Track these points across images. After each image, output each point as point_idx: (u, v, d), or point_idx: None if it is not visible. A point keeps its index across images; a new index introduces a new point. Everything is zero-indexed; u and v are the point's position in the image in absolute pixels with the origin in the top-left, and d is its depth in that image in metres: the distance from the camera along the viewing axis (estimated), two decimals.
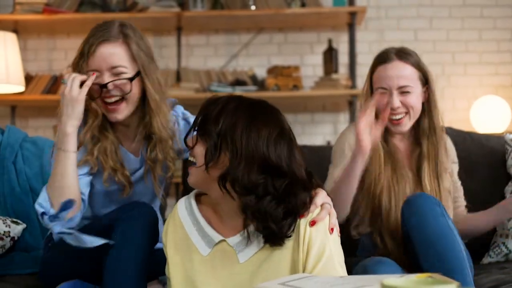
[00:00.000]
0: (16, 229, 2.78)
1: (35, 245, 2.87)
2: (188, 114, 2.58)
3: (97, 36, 2.34)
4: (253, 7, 5.23)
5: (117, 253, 2.18)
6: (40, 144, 3.09)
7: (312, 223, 1.95)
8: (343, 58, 5.34)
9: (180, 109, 2.59)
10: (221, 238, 2.04)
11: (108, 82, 2.33)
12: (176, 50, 5.45)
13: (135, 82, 2.36)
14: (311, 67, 5.50)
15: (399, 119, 2.65)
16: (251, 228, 1.98)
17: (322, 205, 1.99)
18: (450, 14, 5.46)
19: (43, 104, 5.41)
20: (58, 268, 2.41)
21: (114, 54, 2.34)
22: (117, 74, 2.34)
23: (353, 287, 1.64)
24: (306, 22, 5.44)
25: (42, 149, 3.06)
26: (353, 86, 5.15)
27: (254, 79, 5.31)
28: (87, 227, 2.33)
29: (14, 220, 2.81)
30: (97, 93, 2.35)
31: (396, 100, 2.62)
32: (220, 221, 2.06)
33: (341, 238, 2.03)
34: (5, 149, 3.04)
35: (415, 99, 2.64)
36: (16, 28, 5.38)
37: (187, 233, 2.07)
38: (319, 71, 5.39)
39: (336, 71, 5.22)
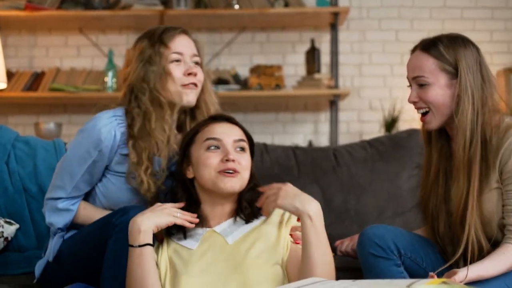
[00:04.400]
0: (9, 229, 2.77)
1: (28, 245, 2.88)
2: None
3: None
4: (236, 7, 5.23)
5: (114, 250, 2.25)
6: (33, 144, 3.09)
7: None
8: (325, 58, 5.37)
9: None
10: (207, 229, 2.28)
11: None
12: None
13: None
14: (293, 67, 5.52)
15: (422, 115, 2.46)
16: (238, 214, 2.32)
17: None
18: (430, 16, 5.52)
19: (23, 101, 5.38)
20: (63, 272, 2.45)
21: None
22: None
23: None
24: (288, 22, 5.45)
25: (35, 149, 3.06)
26: (336, 86, 5.18)
27: (236, 78, 5.32)
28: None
29: (7, 220, 2.81)
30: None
31: (412, 93, 2.45)
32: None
33: None
34: None
35: (435, 92, 2.40)
36: None
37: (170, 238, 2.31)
38: (301, 71, 5.42)
39: (318, 70, 5.24)
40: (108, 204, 2.50)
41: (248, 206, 2.32)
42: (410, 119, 5.20)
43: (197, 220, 2.26)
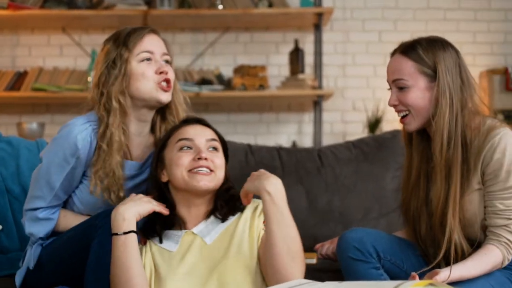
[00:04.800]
0: None
1: (11, 247, 2.85)
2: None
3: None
4: (220, 7, 5.22)
5: (96, 260, 2.24)
6: (15, 144, 3.06)
7: None
8: (308, 59, 5.37)
9: None
10: (185, 231, 2.31)
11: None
12: None
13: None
14: (277, 67, 5.52)
15: (402, 117, 2.46)
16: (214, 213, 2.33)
17: None
18: (414, 17, 5.54)
19: (6, 101, 5.34)
20: (44, 279, 2.44)
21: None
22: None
23: None
24: (272, 22, 5.45)
25: (18, 149, 3.03)
26: (319, 86, 5.19)
27: (220, 79, 5.31)
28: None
29: None
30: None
31: (392, 96, 2.45)
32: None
33: None
34: None
35: (414, 95, 2.40)
36: None
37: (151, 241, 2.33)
38: (285, 71, 5.42)
39: (302, 71, 5.25)
40: (84, 209, 2.49)
41: (224, 205, 2.34)
42: (393, 120, 5.21)
43: (168, 209, 2.30)
